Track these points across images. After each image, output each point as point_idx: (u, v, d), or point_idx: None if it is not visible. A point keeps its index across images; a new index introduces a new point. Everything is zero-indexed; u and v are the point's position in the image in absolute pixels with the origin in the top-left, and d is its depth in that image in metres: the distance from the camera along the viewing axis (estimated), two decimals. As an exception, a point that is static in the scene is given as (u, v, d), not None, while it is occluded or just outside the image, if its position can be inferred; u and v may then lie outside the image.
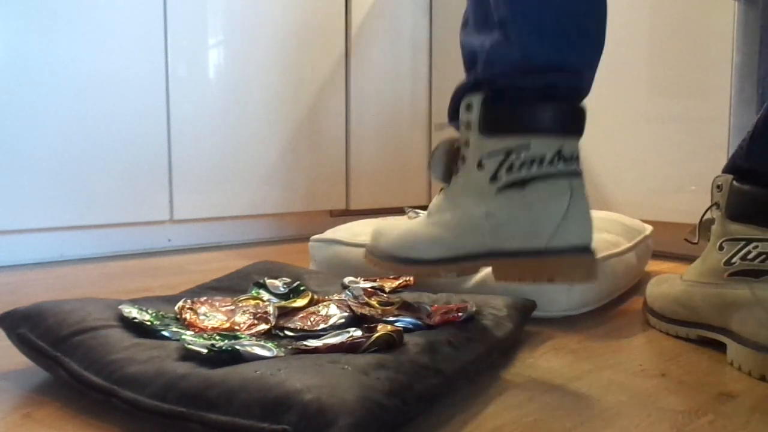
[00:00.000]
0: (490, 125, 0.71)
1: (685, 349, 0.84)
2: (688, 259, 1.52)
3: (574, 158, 0.70)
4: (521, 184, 0.69)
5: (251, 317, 0.78)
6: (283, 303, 0.84)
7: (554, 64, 0.71)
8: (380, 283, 0.97)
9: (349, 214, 1.94)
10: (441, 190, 0.79)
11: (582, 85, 0.74)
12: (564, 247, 0.68)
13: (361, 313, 0.78)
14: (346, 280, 0.99)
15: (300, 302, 0.85)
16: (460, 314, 0.78)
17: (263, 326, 0.76)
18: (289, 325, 0.77)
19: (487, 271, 0.96)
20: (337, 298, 0.86)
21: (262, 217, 1.80)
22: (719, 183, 0.80)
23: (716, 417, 0.62)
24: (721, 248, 0.75)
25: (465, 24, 0.80)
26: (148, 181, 1.53)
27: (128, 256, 1.53)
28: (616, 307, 1.06)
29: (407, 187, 2.07)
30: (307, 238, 1.28)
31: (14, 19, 1.34)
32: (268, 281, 0.91)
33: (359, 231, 1.18)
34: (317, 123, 1.84)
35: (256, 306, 0.82)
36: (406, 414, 0.57)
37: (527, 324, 0.89)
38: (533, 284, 0.73)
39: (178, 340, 0.69)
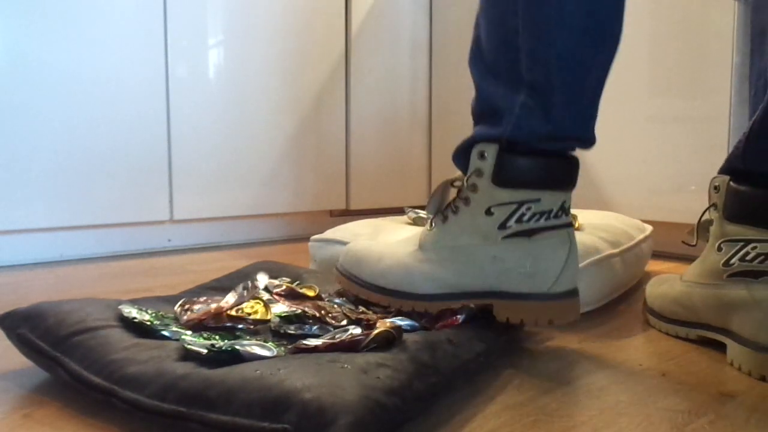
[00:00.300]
0: (504, 177, 0.75)
1: (685, 349, 0.84)
2: (688, 259, 1.52)
3: (569, 210, 0.77)
4: (528, 233, 0.75)
5: (245, 294, 0.78)
6: (292, 285, 0.85)
7: (580, 135, 0.77)
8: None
9: (349, 214, 1.94)
10: (431, 224, 0.80)
11: (591, 146, 0.78)
12: (564, 292, 0.76)
13: (357, 318, 0.78)
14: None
15: (309, 292, 0.85)
16: (458, 317, 0.77)
17: (257, 304, 0.76)
18: (304, 309, 0.77)
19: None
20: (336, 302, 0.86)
21: (262, 217, 1.80)
22: (716, 184, 0.81)
23: (716, 417, 0.62)
24: (719, 249, 0.76)
25: (479, 60, 0.78)
26: (148, 181, 1.53)
27: (128, 256, 1.53)
28: (616, 307, 1.06)
29: (407, 187, 2.07)
30: (307, 238, 1.28)
31: (14, 19, 1.34)
32: (268, 281, 0.91)
33: (359, 231, 1.18)
34: (317, 123, 1.84)
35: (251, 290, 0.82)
36: (405, 413, 0.57)
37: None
38: (534, 326, 0.78)
39: (177, 339, 0.69)
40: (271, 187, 1.75)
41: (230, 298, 0.79)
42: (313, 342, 0.68)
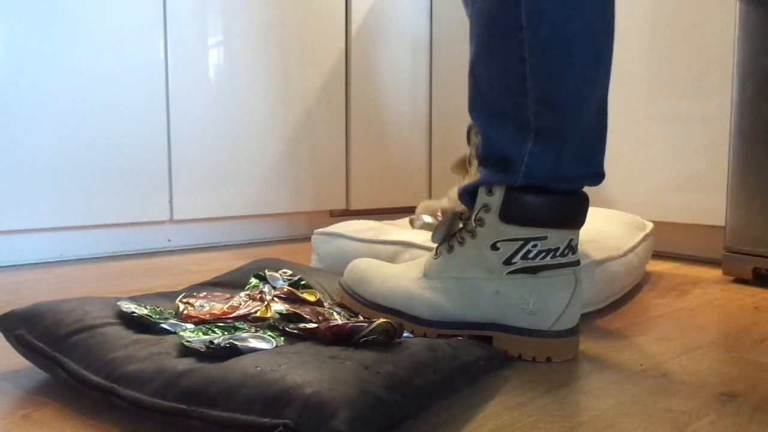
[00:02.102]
0: (511, 214, 0.75)
1: (685, 349, 0.84)
2: (689, 260, 1.52)
3: (577, 247, 0.77)
4: (533, 270, 0.75)
5: (247, 299, 0.79)
6: (292, 288, 0.85)
7: (590, 173, 0.77)
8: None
9: (349, 214, 1.94)
10: (436, 253, 0.81)
11: (601, 181, 0.79)
12: (564, 330, 0.77)
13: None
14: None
15: (309, 297, 0.85)
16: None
17: (258, 305, 0.77)
18: (297, 311, 0.77)
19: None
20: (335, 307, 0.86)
21: (261, 217, 1.80)
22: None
23: (717, 417, 0.62)
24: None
25: (482, 107, 0.77)
26: (148, 181, 1.53)
27: (128, 256, 1.53)
28: (616, 308, 1.06)
29: (407, 187, 2.07)
30: (307, 239, 1.28)
31: (14, 19, 1.33)
32: (268, 273, 0.91)
33: (361, 227, 1.19)
34: (317, 123, 1.84)
35: (250, 294, 0.83)
36: (405, 409, 0.57)
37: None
38: (532, 361, 0.78)
39: (176, 332, 0.69)
40: (271, 187, 1.75)
41: (234, 303, 0.79)
42: (312, 324, 0.68)
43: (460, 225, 0.80)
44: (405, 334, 0.76)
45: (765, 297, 1.15)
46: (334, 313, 0.80)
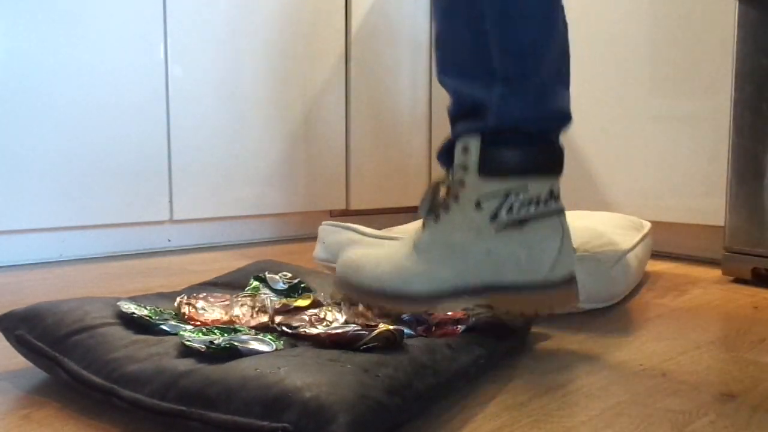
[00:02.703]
0: (489, 168, 0.76)
1: (685, 348, 0.84)
2: (689, 260, 1.52)
3: (559, 195, 0.78)
4: (519, 223, 0.75)
5: (249, 309, 0.78)
6: (284, 300, 0.84)
7: (555, 114, 0.79)
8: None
9: (349, 214, 1.94)
10: (423, 225, 0.80)
11: (569, 123, 0.81)
12: (560, 279, 0.76)
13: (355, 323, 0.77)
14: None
15: (302, 302, 0.85)
16: (459, 327, 0.77)
17: (263, 318, 0.76)
18: (289, 322, 0.77)
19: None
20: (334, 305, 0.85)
21: (262, 217, 1.80)
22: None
23: (717, 417, 0.62)
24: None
25: (450, 68, 0.82)
26: (148, 181, 1.53)
27: (128, 256, 1.53)
28: (616, 307, 1.06)
29: (407, 187, 2.07)
30: (307, 239, 1.28)
31: (14, 19, 1.33)
32: (268, 275, 0.91)
33: (368, 228, 1.21)
34: (317, 123, 1.84)
35: (254, 299, 0.82)
36: (405, 412, 0.57)
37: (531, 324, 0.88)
38: (535, 317, 0.78)
39: (176, 334, 0.69)
40: (271, 187, 1.75)
41: (236, 312, 0.79)
42: (314, 330, 0.68)
43: (443, 192, 0.81)
44: (406, 331, 0.75)
45: (764, 297, 1.15)
46: (329, 313, 0.79)
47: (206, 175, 1.63)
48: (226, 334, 0.68)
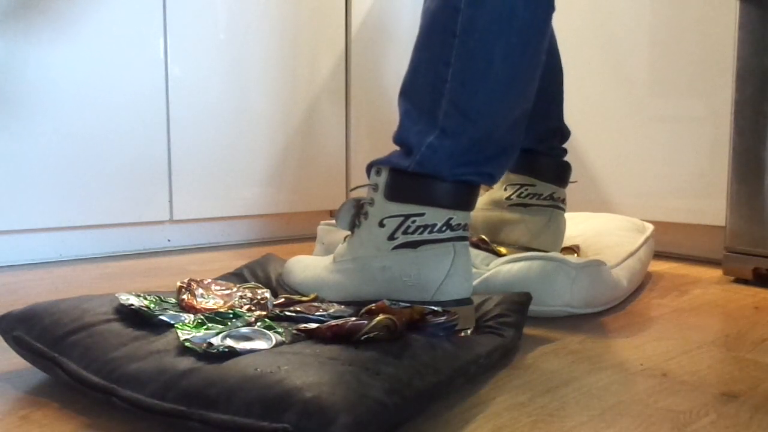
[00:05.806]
0: (394, 192, 0.81)
1: (686, 348, 0.84)
2: (690, 260, 1.52)
3: (462, 226, 0.81)
4: (414, 245, 0.80)
5: (248, 302, 0.79)
6: (290, 295, 0.85)
7: (476, 177, 0.81)
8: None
9: (349, 215, 1.94)
10: (345, 239, 0.87)
11: (494, 181, 0.83)
12: (446, 300, 0.79)
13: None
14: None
15: (304, 297, 0.86)
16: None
17: (261, 312, 0.77)
18: (289, 310, 0.77)
19: (487, 275, 0.98)
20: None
21: (261, 217, 1.80)
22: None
23: (718, 417, 0.62)
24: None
25: (407, 97, 0.84)
26: (147, 181, 1.53)
27: (128, 256, 1.53)
28: (617, 307, 1.06)
29: (407, 187, 2.07)
30: (307, 239, 1.28)
31: (14, 19, 1.33)
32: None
33: None
34: (317, 123, 1.84)
35: (253, 292, 0.83)
36: (406, 411, 0.57)
37: (527, 321, 0.88)
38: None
39: (174, 324, 0.69)
40: (270, 187, 1.75)
41: (234, 302, 0.79)
42: (314, 324, 0.68)
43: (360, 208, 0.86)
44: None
45: (765, 297, 1.15)
46: (334, 305, 0.81)
47: (206, 175, 1.63)
48: (225, 324, 0.68)
